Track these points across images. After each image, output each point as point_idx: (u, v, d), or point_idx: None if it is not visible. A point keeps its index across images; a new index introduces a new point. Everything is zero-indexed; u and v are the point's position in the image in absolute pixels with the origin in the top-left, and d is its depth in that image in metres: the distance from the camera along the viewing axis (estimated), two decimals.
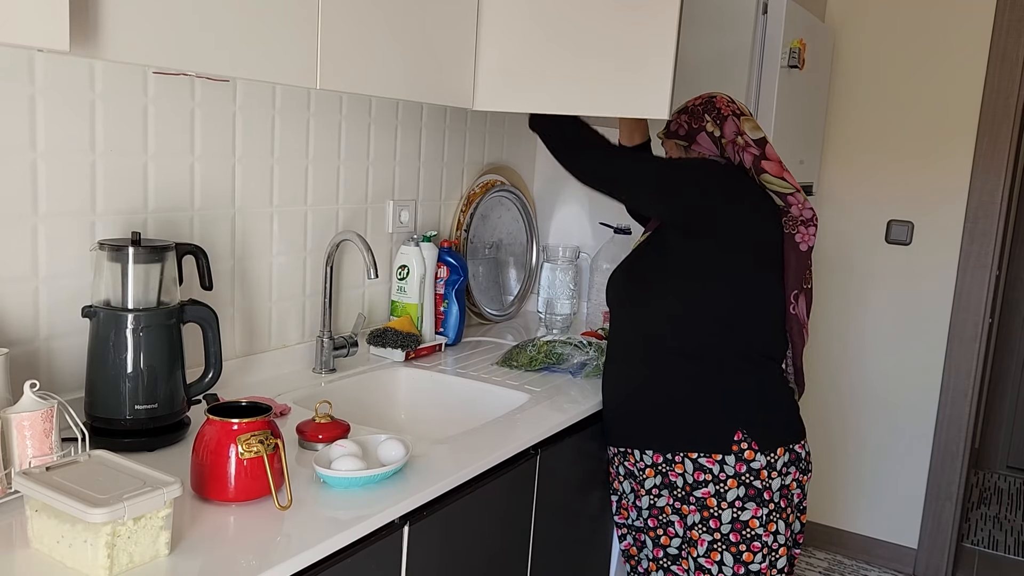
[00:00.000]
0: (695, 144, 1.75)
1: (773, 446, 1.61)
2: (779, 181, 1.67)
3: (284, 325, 1.83)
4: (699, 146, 1.76)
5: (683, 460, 1.63)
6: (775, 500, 1.61)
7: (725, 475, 1.60)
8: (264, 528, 1.11)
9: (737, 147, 1.70)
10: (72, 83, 1.36)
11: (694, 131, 1.75)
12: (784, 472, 1.62)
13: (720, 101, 1.76)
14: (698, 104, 1.76)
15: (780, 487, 1.61)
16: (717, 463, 1.60)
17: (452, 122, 2.25)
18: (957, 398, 2.97)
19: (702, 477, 1.61)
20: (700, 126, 1.74)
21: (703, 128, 1.73)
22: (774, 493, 1.60)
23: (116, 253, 1.33)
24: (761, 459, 1.60)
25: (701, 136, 1.74)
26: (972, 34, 2.84)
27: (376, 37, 1.47)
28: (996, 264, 2.91)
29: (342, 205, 1.93)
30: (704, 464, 1.61)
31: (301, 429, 1.40)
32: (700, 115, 1.75)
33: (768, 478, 1.60)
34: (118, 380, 1.31)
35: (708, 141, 1.73)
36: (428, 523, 1.30)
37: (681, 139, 1.77)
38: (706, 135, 1.73)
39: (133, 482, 1.00)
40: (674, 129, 1.79)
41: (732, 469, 1.59)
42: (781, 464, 1.62)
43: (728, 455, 1.59)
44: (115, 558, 0.95)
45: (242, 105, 1.65)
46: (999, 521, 3.70)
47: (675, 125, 1.79)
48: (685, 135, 1.77)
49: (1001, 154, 2.83)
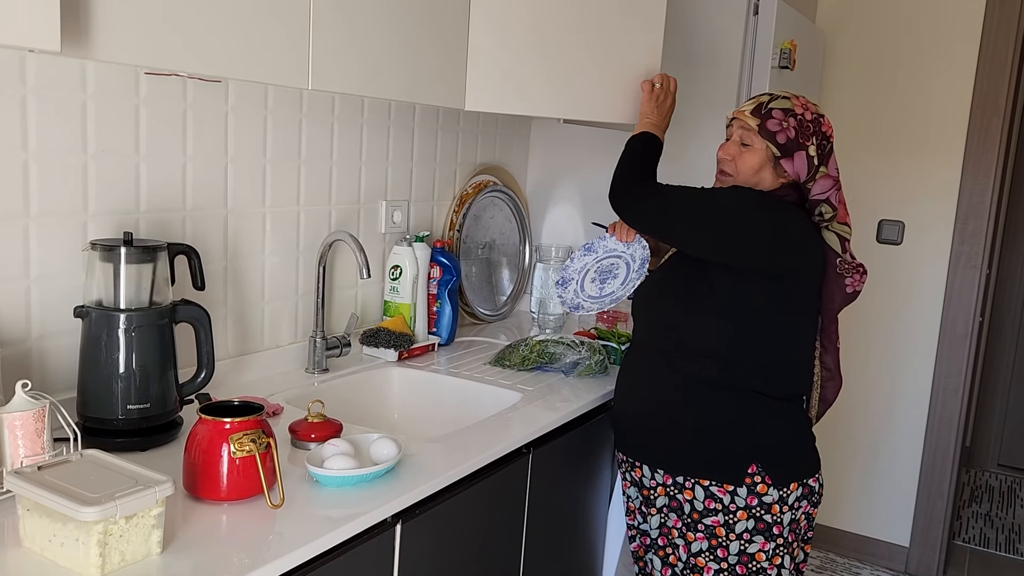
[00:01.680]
0: (786, 159, 1.54)
1: (787, 481, 1.55)
2: (844, 228, 1.59)
3: (277, 325, 1.83)
4: (790, 163, 1.54)
5: (694, 486, 1.58)
6: (783, 535, 1.56)
7: (736, 506, 1.55)
8: (256, 527, 1.12)
9: (835, 186, 1.56)
10: (64, 83, 1.36)
11: (794, 146, 1.54)
12: (795, 507, 1.56)
13: (826, 123, 1.58)
14: (809, 119, 1.55)
15: (790, 521, 1.56)
16: (728, 493, 1.54)
17: (444, 122, 2.26)
18: (948, 396, 2.99)
19: (712, 505, 1.56)
20: (803, 144, 1.54)
21: (805, 148, 1.54)
22: (784, 528, 1.55)
23: (108, 253, 1.33)
24: (774, 493, 1.54)
25: (799, 156, 1.54)
26: (962, 34, 2.86)
27: (368, 38, 1.48)
28: (986, 263, 2.93)
29: (335, 205, 1.94)
30: (715, 493, 1.56)
31: (294, 428, 1.40)
32: (809, 133, 1.55)
33: (779, 512, 1.54)
34: (110, 380, 1.31)
35: (803, 164, 1.54)
36: (420, 521, 1.30)
37: (776, 145, 1.54)
38: (804, 158, 1.54)
39: (125, 481, 1.00)
40: (774, 131, 1.54)
41: (743, 501, 1.54)
42: (793, 499, 1.55)
43: (740, 487, 1.54)
44: (107, 557, 0.95)
45: (234, 106, 1.66)
46: (990, 519, 3.72)
47: (777, 126, 1.54)
48: (784, 145, 1.54)
49: (991, 154, 2.85)
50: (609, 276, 1.74)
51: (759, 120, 1.55)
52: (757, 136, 1.55)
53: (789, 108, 1.55)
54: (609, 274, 1.74)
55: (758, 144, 1.55)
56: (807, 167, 1.53)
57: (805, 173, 1.54)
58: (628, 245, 1.76)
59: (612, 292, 1.76)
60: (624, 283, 1.73)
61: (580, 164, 2.55)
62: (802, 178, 1.54)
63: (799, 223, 1.57)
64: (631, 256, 1.75)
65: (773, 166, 1.55)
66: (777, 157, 1.54)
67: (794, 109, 1.55)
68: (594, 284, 1.72)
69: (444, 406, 1.88)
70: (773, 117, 1.54)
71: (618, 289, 1.76)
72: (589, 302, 1.73)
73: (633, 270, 1.74)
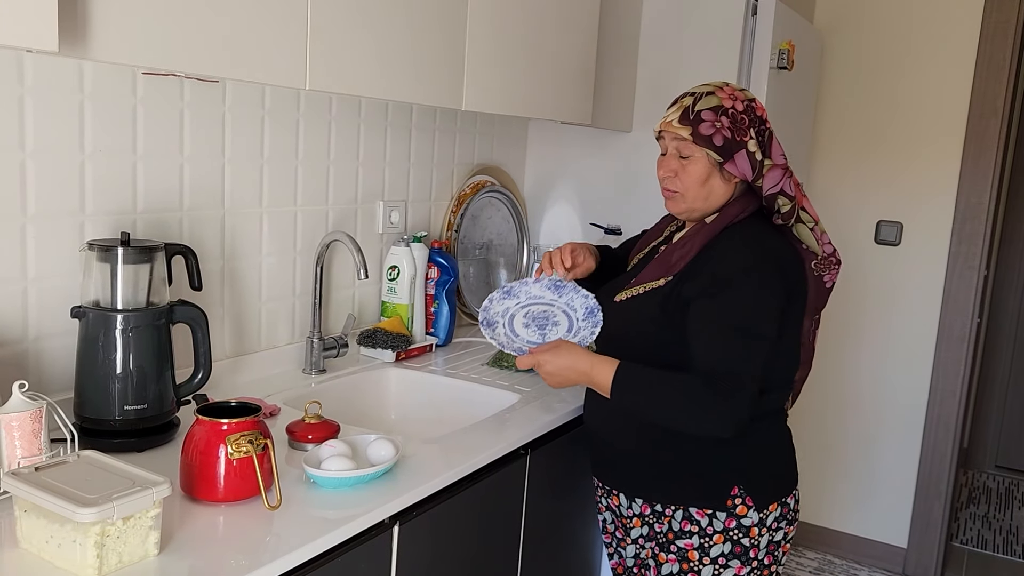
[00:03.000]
0: (728, 163, 1.41)
1: (768, 503, 1.46)
2: (808, 217, 1.47)
3: (274, 326, 1.83)
4: (733, 165, 1.40)
5: (673, 512, 1.49)
6: (760, 558, 1.47)
7: (713, 529, 1.45)
8: (254, 528, 1.12)
9: (787, 175, 1.42)
10: (61, 83, 1.36)
11: (733, 146, 1.40)
12: (775, 528, 1.48)
13: (759, 107, 1.44)
14: (740, 111, 1.41)
15: (768, 543, 1.48)
16: (707, 516, 1.45)
17: (442, 123, 2.25)
18: (946, 398, 2.99)
19: (688, 528, 1.47)
20: (742, 141, 1.40)
21: (744, 146, 1.40)
22: (760, 551, 1.47)
23: (105, 253, 1.33)
24: (753, 516, 1.45)
25: (740, 156, 1.40)
26: (960, 36, 2.86)
27: (365, 38, 1.48)
28: (984, 264, 2.93)
29: (332, 206, 1.94)
30: (693, 515, 1.47)
31: (291, 429, 1.40)
32: (744, 126, 1.40)
33: (758, 535, 1.46)
34: (107, 381, 1.31)
35: (746, 163, 1.40)
36: (418, 523, 1.30)
37: (716, 150, 1.40)
38: (746, 156, 1.40)
39: (122, 482, 1.00)
40: (708, 135, 1.40)
41: (721, 524, 1.45)
42: (772, 520, 1.47)
43: (721, 510, 1.45)
44: (104, 558, 0.95)
45: (231, 106, 1.65)
46: (988, 520, 3.72)
47: (710, 129, 1.39)
48: (723, 147, 1.40)
49: (989, 155, 2.85)
50: (548, 323, 1.51)
51: (690, 127, 1.41)
52: (693, 145, 1.41)
53: (718, 105, 1.40)
54: (547, 321, 1.51)
55: (697, 153, 1.42)
56: (751, 165, 1.41)
57: (751, 172, 1.41)
58: (559, 294, 1.53)
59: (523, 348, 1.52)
60: (572, 333, 1.50)
61: (578, 164, 2.55)
62: (750, 177, 1.42)
63: (793, 267, 1.45)
64: (568, 306, 1.52)
65: (719, 172, 1.43)
66: (720, 163, 1.41)
67: (723, 104, 1.41)
68: (529, 329, 1.50)
69: (442, 407, 1.88)
70: (704, 120, 1.40)
71: (566, 337, 1.52)
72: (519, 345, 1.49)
73: (577, 320, 1.51)
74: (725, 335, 1.36)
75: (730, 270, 1.38)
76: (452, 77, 1.72)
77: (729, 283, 1.37)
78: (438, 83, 1.68)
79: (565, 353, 1.46)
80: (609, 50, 2.33)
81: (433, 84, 1.67)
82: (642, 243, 1.68)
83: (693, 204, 1.46)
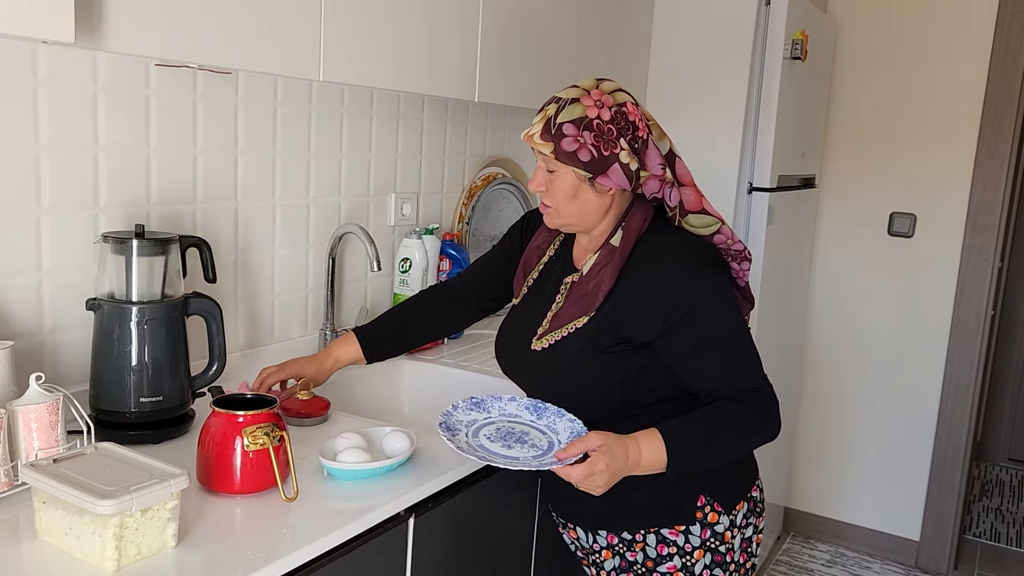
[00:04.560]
0: (602, 177, 1.28)
1: (735, 502, 1.39)
2: (702, 219, 1.35)
3: (287, 318, 1.83)
4: (606, 179, 1.28)
5: (644, 537, 1.38)
6: (736, 559, 1.41)
7: (691, 546, 1.36)
8: (270, 520, 1.12)
9: (665, 184, 1.31)
10: (74, 75, 1.36)
11: (602, 161, 1.27)
12: (744, 525, 1.41)
13: (631, 111, 1.29)
14: (607, 120, 1.27)
15: (741, 542, 1.41)
16: (681, 533, 1.36)
17: (453, 115, 2.25)
18: (960, 390, 2.97)
19: (666, 551, 1.37)
20: (613, 154, 1.27)
21: (616, 158, 1.27)
22: (736, 552, 1.41)
23: (120, 246, 1.33)
24: (724, 520, 1.37)
25: (613, 170, 1.27)
26: (975, 25, 2.83)
27: (379, 29, 1.47)
28: (998, 256, 2.91)
29: (344, 198, 1.93)
30: (668, 537, 1.36)
31: (285, 406, 1.44)
32: (613, 138, 1.27)
33: (731, 539, 1.39)
34: (123, 373, 1.31)
35: (620, 176, 1.28)
36: (434, 515, 1.30)
37: (582, 167, 1.27)
38: (620, 168, 1.27)
39: (140, 474, 1.00)
40: (571, 151, 1.26)
41: (698, 539, 1.36)
42: (741, 518, 1.40)
43: (693, 524, 1.36)
44: (123, 550, 0.95)
45: (244, 97, 1.65)
46: (1001, 513, 3.71)
47: (573, 144, 1.26)
48: (589, 164, 1.26)
49: (1004, 146, 2.82)
50: (518, 442, 1.28)
51: (552, 144, 1.27)
52: (557, 161, 1.28)
53: (581, 116, 1.26)
54: (520, 440, 1.28)
55: (562, 169, 1.29)
56: (626, 176, 1.28)
57: (628, 182, 1.29)
58: (538, 415, 1.33)
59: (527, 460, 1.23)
60: (542, 457, 1.23)
61: None
62: (628, 188, 1.30)
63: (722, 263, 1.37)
64: (549, 428, 1.31)
65: (591, 185, 1.30)
66: (590, 178, 1.28)
67: (587, 115, 1.26)
68: (495, 444, 1.26)
69: (454, 399, 1.87)
70: (565, 135, 1.26)
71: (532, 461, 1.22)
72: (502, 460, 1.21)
73: (560, 443, 1.27)
74: (721, 352, 1.29)
75: (690, 287, 1.28)
76: (465, 68, 1.71)
77: (693, 300, 1.27)
78: (451, 74, 1.67)
79: (617, 448, 1.21)
80: (622, 41, 2.32)
81: (446, 75, 1.66)
82: (525, 264, 1.49)
83: (568, 220, 1.34)
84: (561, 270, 1.43)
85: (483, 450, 1.23)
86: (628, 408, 1.33)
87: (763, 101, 2.42)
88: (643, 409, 1.33)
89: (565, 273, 1.42)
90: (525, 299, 1.46)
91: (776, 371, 2.80)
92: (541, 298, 1.42)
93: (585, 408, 1.33)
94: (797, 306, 3.07)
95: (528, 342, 1.38)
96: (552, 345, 1.34)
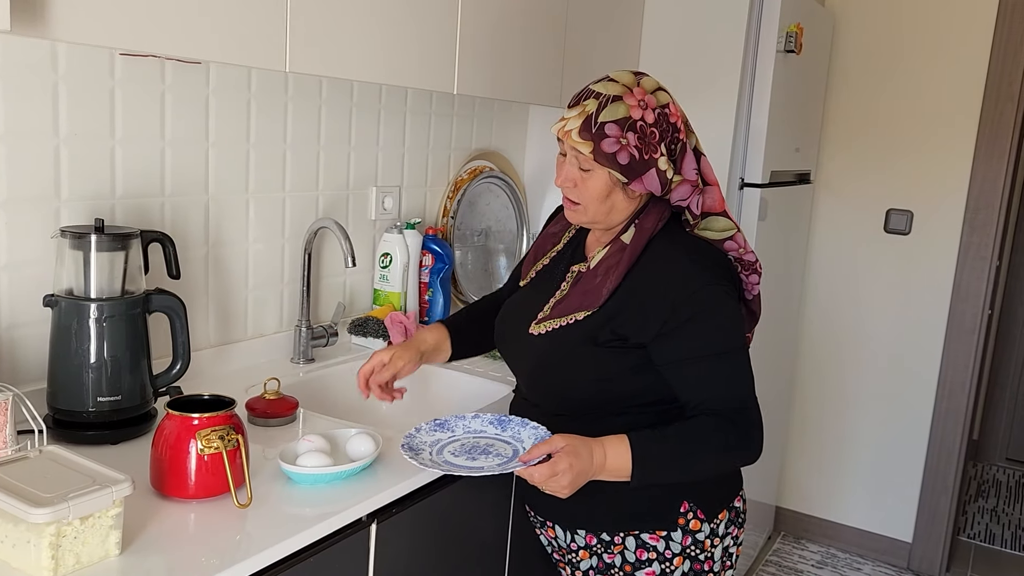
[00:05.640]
0: (636, 182, 1.24)
1: (717, 511, 1.36)
2: (722, 222, 1.32)
3: (261, 313, 1.79)
4: (639, 184, 1.24)
5: (623, 540, 1.35)
6: (715, 569, 1.38)
7: (671, 552, 1.34)
8: (224, 527, 1.08)
9: (695, 191, 1.29)
10: (33, 64, 1.32)
11: (641, 166, 1.23)
12: (724, 535, 1.38)
13: (673, 112, 1.26)
14: (651, 123, 1.22)
15: (721, 553, 1.38)
16: (662, 539, 1.33)
17: (438, 107, 2.20)
18: (955, 391, 2.93)
19: (645, 556, 1.34)
20: (652, 159, 1.23)
21: (655, 163, 1.23)
22: (715, 563, 1.38)
23: (78, 240, 1.29)
24: (706, 528, 1.35)
25: (650, 175, 1.24)
26: (975, 19, 2.77)
27: (349, 17, 1.43)
28: (996, 255, 2.86)
29: (322, 191, 1.89)
30: (648, 542, 1.34)
31: (251, 406, 1.41)
32: (655, 142, 1.23)
33: (711, 547, 1.36)
34: (80, 371, 1.27)
35: (655, 181, 1.24)
36: (397, 521, 1.26)
37: (620, 170, 1.23)
38: (655, 174, 1.24)
39: (82, 480, 0.96)
40: (612, 152, 1.22)
41: (678, 545, 1.34)
42: (722, 527, 1.37)
43: (675, 530, 1.33)
44: (60, 559, 0.92)
45: (216, 88, 1.61)
46: (996, 514, 3.66)
47: (615, 145, 1.21)
48: (627, 167, 1.23)
49: (1003, 142, 2.77)
50: (483, 454, 1.27)
51: (592, 143, 1.22)
52: (594, 162, 1.24)
53: (625, 116, 1.21)
54: (484, 452, 1.28)
55: (598, 169, 1.24)
56: (660, 183, 1.25)
57: (660, 188, 1.26)
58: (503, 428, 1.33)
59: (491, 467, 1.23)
60: (505, 464, 1.22)
61: None
62: (658, 193, 1.27)
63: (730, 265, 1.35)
64: (513, 438, 1.31)
65: (623, 188, 1.26)
66: (624, 183, 1.25)
67: (631, 116, 1.21)
68: (459, 458, 1.25)
69: (433, 398, 1.84)
70: (608, 135, 1.21)
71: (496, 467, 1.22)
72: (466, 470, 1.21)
73: (524, 450, 1.27)
74: (714, 366, 1.25)
75: (694, 294, 1.24)
76: (443, 59, 1.67)
77: (695, 309, 1.24)
78: (427, 65, 1.63)
79: (582, 449, 1.19)
80: (610, 31, 2.27)
81: (422, 66, 1.61)
82: (538, 248, 1.47)
83: (595, 217, 1.31)
84: (571, 258, 1.42)
85: (447, 464, 1.22)
86: (619, 404, 1.31)
87: (755, 95, 2.36)
88: (634, 408, 1.31)
89: (575, 260, 1.40)
90: (532, 282, 1.44)
91: (769, 368, 2.76)
92: (547, 283, 1.41)
93: (576, 401, 1.32)
94: (791, 302, 3.02)
95: (527, 325, 1.36)
96: (549, 332, 1.32)
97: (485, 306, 1.60)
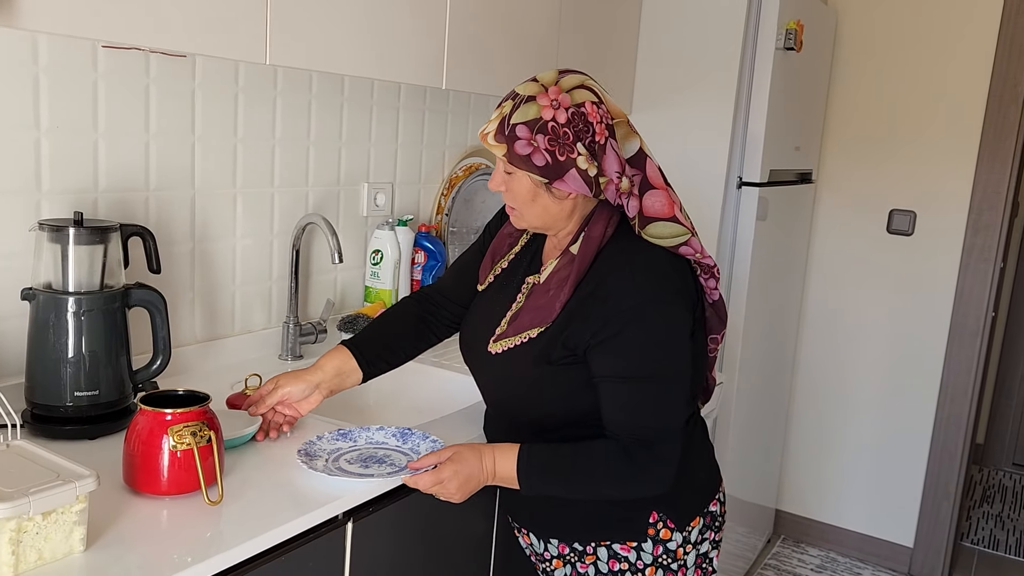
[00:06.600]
0: (559, 182, 1.20)
1: (688, 519, 1.33)
2: (670, 228, 1.24)
3: (249, 310, 1.78)
4: (563, 184, 1.20)
5: (595, 550, 1.33)
6: None
7: (643, 563, 1.32)
8: (195, 523, 1.07)
9: (620, 193, 1.23)
10: (13, 56, 1.31)
11: (558, 167, 1.19)
12: (699, 541, 1.35)
13: (590, 111, 1.20)
14: (562, 123, 1.18)
15: (696, 558, 1.35)
16: (633, 550, 1.31)
17: (432, 103, 2.18)
18: (957, 396, 2.89)
19: (617, 567, 1.33)
20: (569, 159, 1.18)
21: (573, 163, 1.19)
22: (688, 570, 1.35)
23: (56, 234, 1.28)
24: (677, 537, 1.32)
25: (571, 175, 1.19)
26: (980, 18, 2.73)
27: (332, 9, 1.41)
28: (1000, 257, 2.82)
29: (312, 187, 1.88)
30: (619, 552, 1.32)
31: (231, 402, 1.39)
32: (569, 142, 1.18)
33: (684, 555, 1.34)
34: (58, 365, 1.26)
35: (579, 181, 1.20)
36: (374, 519, 1.24)
37: (537, 172, 1.19)
38: (577, 174, 1.19)
39: (46, 475, 0.95)
40: (525, 154, 1.18)
41: (650, 556, 1.31)
42: (696, 534, 1.35)
43: (645, 541, 1.31)
44: (21, 555, 0.90)
45: (202, 82, 1.59)
46: (1001, 520, 3.62)
47: (527, 148, 1.18)
48: (544, 169, 1.19)
49: (1008, 142, 2.73)
50: (378, 463, 1.29)
51: (505, 146, 1.19)
52: (511, 165, 1.21)
53: (535, 118, 1.18)
54: (379, 461, 1.30)
55: (518, 172, 1.22)
56: (585, 183, 1.20)
57: (588, 188, 1.21)
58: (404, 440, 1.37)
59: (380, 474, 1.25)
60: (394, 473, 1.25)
61: None
62: (588, 193, 1.22)
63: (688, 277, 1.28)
64: (412, 451, 1.34)
65: (547, 190, 1.22)
66: (546, 183, 1.21)
67: (541, 117, 1.18)
68: (354, 466, 1.27)
69: (421, 396, 1.82)
70: (519, 137, 1.18)
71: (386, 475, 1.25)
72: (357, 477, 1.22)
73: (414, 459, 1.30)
74: (643, 390, 1.20)
75: (624, 311, 1.19)
76: (431, 53, 1.65)
77: (628, 326, 1.19)
78: (414, 59, 1.61)
79: (469, 456, 1.22)
80: (608, 28, 2.25)
81: (408, 60, 1.60)
82: (495, 251, 1.42)
83: (532, 222, 1.28)
84: (528, 265, 1.38)
85: (339, 471, 1.25)
86: (580, 419, 1.27)
87: (754, 92, 2.34)
88: (596, 423, 1.25)
89: (531, 270, 1.36)
90: (491, 287, 1.40)
91: (767, 369, 2.73)
92: (505, 291, 1.37)
93: (542, 418, 1.30)
94: (791, 303, 2.99)
95: (486, 341, 1.33)
96: (506, 352, 1.29)
97: (399, 312, 1.52)
